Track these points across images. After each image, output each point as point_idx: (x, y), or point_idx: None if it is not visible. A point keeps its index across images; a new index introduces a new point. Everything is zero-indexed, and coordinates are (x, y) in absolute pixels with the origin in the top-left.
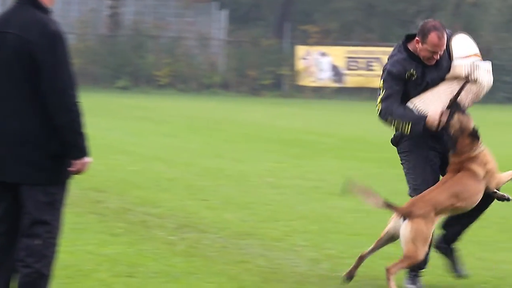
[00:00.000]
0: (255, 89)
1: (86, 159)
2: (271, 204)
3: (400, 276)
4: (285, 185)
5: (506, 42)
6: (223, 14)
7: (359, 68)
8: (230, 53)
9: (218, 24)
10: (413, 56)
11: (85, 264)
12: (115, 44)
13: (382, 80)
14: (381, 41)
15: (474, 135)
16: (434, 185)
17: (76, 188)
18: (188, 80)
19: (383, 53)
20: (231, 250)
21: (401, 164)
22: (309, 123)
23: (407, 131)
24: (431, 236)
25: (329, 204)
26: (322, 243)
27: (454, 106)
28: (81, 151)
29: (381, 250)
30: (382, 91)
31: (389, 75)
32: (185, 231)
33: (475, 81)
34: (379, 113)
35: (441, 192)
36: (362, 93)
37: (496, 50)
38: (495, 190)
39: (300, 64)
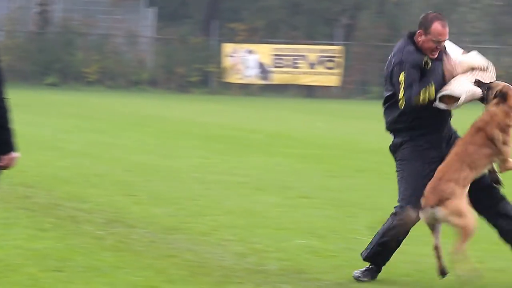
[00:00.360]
0: (183, 86)
1: (14, 154)
2: (198, 199)
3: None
4: (212, 181)
5: None
6: (152, 12)
7: (285, 66)
8: (158, 51)
9: (146, 21)
10: (420, 49)
11: (14, 259)
12: (44, 41)
13: (402, 72)
14: (307, 39)
15: None
16: (448, 159)
17: (5, 184)
18: (117, 77)
19: (308, 51)
20: (159, 245)
21: (396, 171)
22: (236, 119)
23: (433, 92)
24: (468, 203)
25: (255, 199)
26: (248, 237)
27: (481, 83)
28: (8, 146)
29: (308, 244)
30: (402, 84)
31: (408, 64)
32: (114, 226)
33: (487, 68)
34: (404, 104)
35: (456, 168)
36: (288, 90)
37: None
38: (493, 170)
39: (227, 62)
